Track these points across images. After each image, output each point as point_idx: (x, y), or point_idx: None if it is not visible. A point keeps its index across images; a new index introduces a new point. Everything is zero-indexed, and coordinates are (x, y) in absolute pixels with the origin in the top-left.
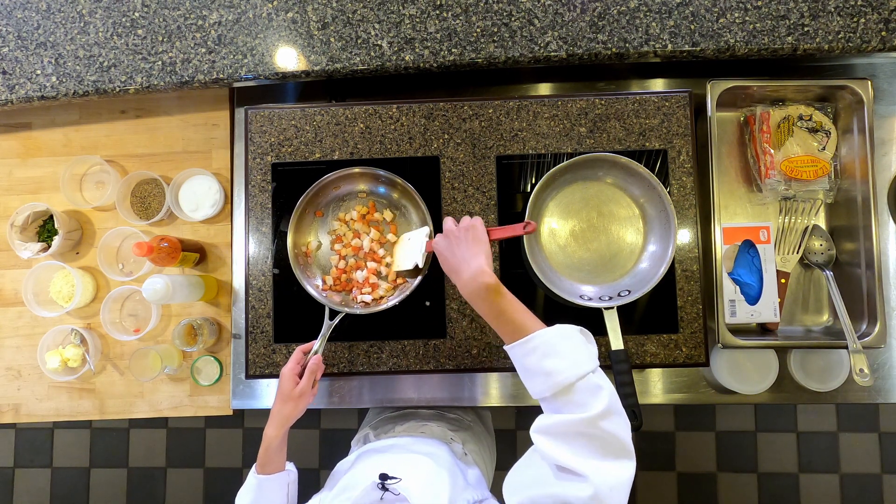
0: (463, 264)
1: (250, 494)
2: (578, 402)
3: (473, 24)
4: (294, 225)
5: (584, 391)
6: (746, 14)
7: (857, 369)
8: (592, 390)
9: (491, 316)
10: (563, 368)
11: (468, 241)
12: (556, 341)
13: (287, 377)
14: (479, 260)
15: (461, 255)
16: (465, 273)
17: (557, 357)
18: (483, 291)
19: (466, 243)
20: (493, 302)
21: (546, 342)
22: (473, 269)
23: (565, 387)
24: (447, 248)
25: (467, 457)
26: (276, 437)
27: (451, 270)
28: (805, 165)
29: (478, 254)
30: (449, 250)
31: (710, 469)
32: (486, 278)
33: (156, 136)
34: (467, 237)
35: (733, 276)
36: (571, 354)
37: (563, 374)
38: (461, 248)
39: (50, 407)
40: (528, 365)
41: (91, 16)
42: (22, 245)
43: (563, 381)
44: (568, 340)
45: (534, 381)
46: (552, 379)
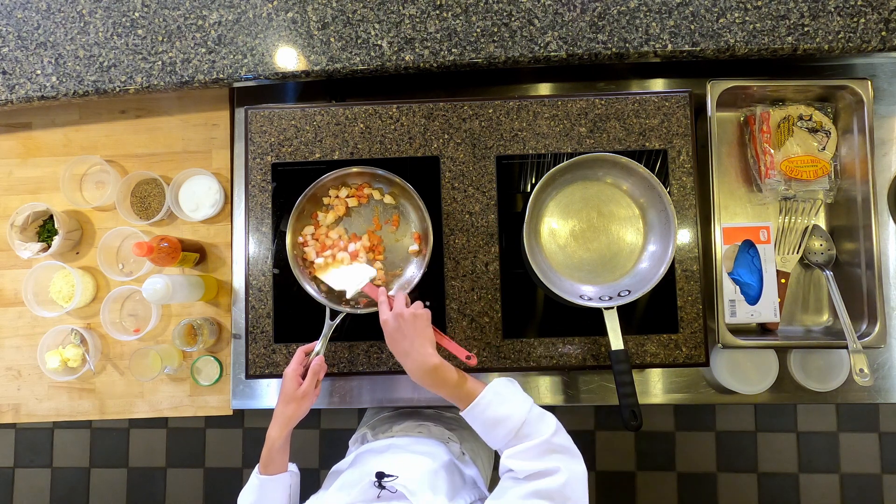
0: (411, 351)
1: (253, 495)
2: (533, 431)
3: (473, 24)
4: (293, 225)
5: (535, 422)
6: (746, 14)
7: (857, 369)
8: (540, 418)
9: (445, 392)
10: (514, 410)
11: (416, 329)
12: (500, 391)
13: (290, 378)
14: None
15: (409, 343)
16: (414, 361)
17: (507, 403)
18: (433, 374)
19: (415, 332)
20: (443, 380)
21: (495, 394)
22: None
23: (521, 424)
24: (397, 331)
25: (465, 456)
26: (279, 438)
27: (399, 352)
28: (805, 165)
29: (425, 344)
30: (399, 333)
31: (710, 469)
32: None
33: (156, 136)
34: (416, 325)
35: (733, 276)
36: (513, 397)
37: (517, 415)
38: (409, 335)
39: (50, 407)
40: (486, 418)
41: (91, 16)
42: (22, 245)
43: (518, 420)
44: (506, 387)
45: (495, 431)
46: (510, 421)
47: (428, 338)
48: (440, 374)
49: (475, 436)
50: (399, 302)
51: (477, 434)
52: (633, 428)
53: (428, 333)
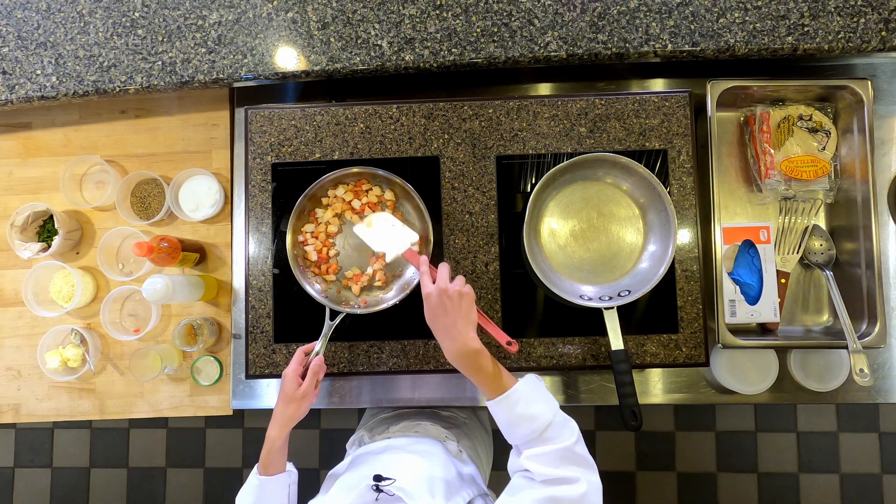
0: (452, 330)
1: (252, 495)
2: (556, 435)
3: (473, 24)
4: (293, 225)
5: (559, 425)
6: (746, 14)
7: (857, 369)
8: (565, 423)
9: (478, 378)
10: (543, 411)
11: (460, 310)
12: (532, 389)
13: (290, 378)
14: (470, 332)
15: (451, 321)
16: (455, 341)
17: (537, 402)
18: (473, 357)
19: (459, 312)
20: (480, 366)
21: (526, 392)
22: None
23: (547, 426)
24: (440, 307)
25: (462, 454)
26: (279, 439)
27: (440, 329)
28: (805, 165)
29: (468, 326)
30: (442, 309)
31: (710, 469)
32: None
33: (156, 136)
34: (461, 305)
35: (733, 276)
36: (544, 397)
37: (544, 416)
38: (453, 314)
39: (50, 407)
40: (514, 414)
41: (91, 16)
42: (22, 245)
43: (545, 421)
44: (536, 387)
45: (519, 428)
46: (537, 422)
47: (472, 319)
48: (478, 361)
49: (472, 433)
50: (443, 275)
51: (474, 432)
52: (633, 428)
53: (472, 315)
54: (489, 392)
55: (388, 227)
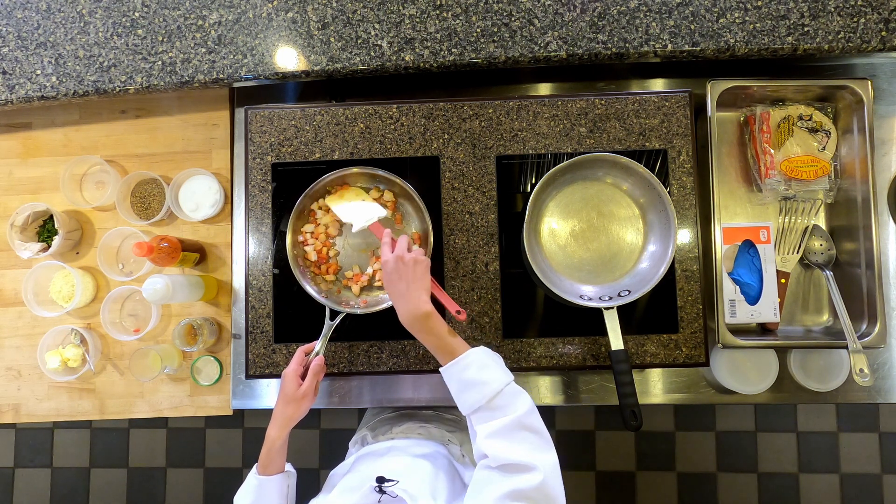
0: (406, 294)
1: (250, 495)
2: (508, 405)
3: (473, 24)
4: (293, 225)
5: (510, 395)
6: (746, 14)
7: (857, 369)
8: (516, 394)
9: (430, 341)
10: (495, 378)
11: (414, 275)
12: (484, 357)
13: (290, 378)
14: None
15: (405, 286)
16: (410, 302)
17: (488, 369)
18: (423, 320)
19: (413, 277)
20: (431, 329)
21: (478, 358)
22: (417, 301)
23: (497, 393)
24: (395, 272)
25: (465, 458)
26: (278, 439)
27: (395, 293)
28: (805, 165)
29: (420, 290)
30: (397, 274)
31: (710, 469)
32: (426, 307)
33: (156, 136)
34: (415, 271)
35: (733, 276)
36: (494, 366)
37: (495, 382)
38: (406, 279)
39: (50, 407)
40: (465, 378)
41: (91, 16)
42: (22, 245)
43: (496, 387)
44: (490, 356)
45: (470, 393)
46: (488, 387)
47: (424, 285)
48: (429, 323)
49: None
50: (401, 245)
51: None
52: (633, 428)
53: (425, 281)
54: (441, 357)
55: (358, 201)
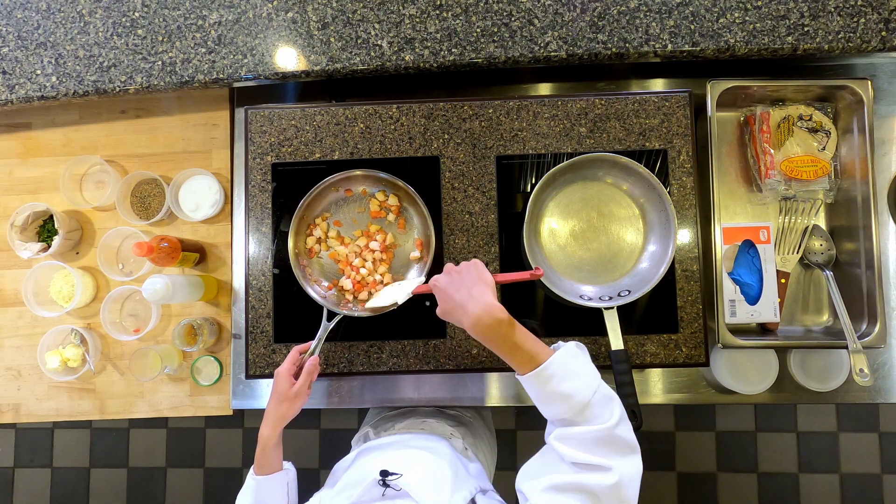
0: (470, 301)
1: (250, 496)
2: (595, 415)
3: (473, 24)
4: (295, 227)
5: (598, 404)
6: (746, 14)
7: (857, 369)
8: (605, 402)
9: (505, 350)
10: (581, 388)
11: (472, 277)
12: (569, 362)
13: (283, 377)
14: (487, 296)
15: (466, 291)
16: (475, 308)
17: (573, 378)
18: (497, 326)
19: (471, 280)
20: (507, 336)
21: (561, 366)
22: (484, 305)
23: (584, 406)
24: (450, 285)
25: (468, 451)
26: (272, 438)
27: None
28: (805, 165)
29: (485, 291)
30: (452, 286)
31: (710, 469)
32: (500, 313)
33: (156, 136)
34: (471, 273)
35: (733, 276)
36: (584, 373)
37: (581, 394)
38: (465, 285)
39: (50, 407)
40: (548, 390)
41: (91, 16)
42: (22, 245)
43: (582, 399)
44: (576, 359)
45: (553, 406)
46: (573, 400)
47: (487, 282)
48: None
49: (477, 432)
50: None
51: (479, 432)
52: (633, 428)
53: (486, 277)
54: (520, 367)
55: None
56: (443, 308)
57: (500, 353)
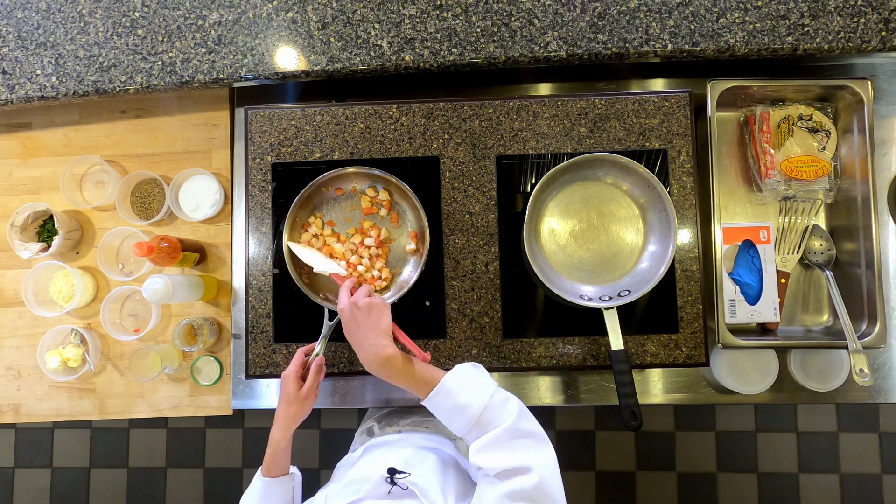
0: (364, 342)
1: (255, 497)
2: (496, 417)
3: (473, 24)
4: (289, 226)
5: (497, 408)
6: (746, 14)
7: (857, 369)
8: (502, 403)
9: (403, 381)
10: (476, 396)
11: (369, 319)
12: (460, 378)
13: (291, 379)
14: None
15: (362, 334)
16: (369, 349)
17: (467, 390)
18: (387, 363)
19: (368, 321)
20: (400, 370)
21: (455, 382)
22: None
23: (482, 411)
24: (352, 321)
25: None
26: (283, 440)
27: (354, 342)
28: (805, 165)
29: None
30: (354, 322)
31: (710, 469)
32: (389, 350)
33: (156, 136)
34: (370, 315)
35: (733, 276)
36: (474, 383)
37: (478, 401)
38: (364, 326)
39: (50, 407)
40: (446, 407)
41: (91, 16)
42: (22, 245)
43: (478, 407)
44: (468, 375)
45: (456, 420)
46: (471, 409)
47: (383, 328)
48: (394, 365)
49: None
50: (360, 292)
51: None
52: (633, 428)
53: (383, 323)
54: (420, 392)
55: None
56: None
57: (400, 385)
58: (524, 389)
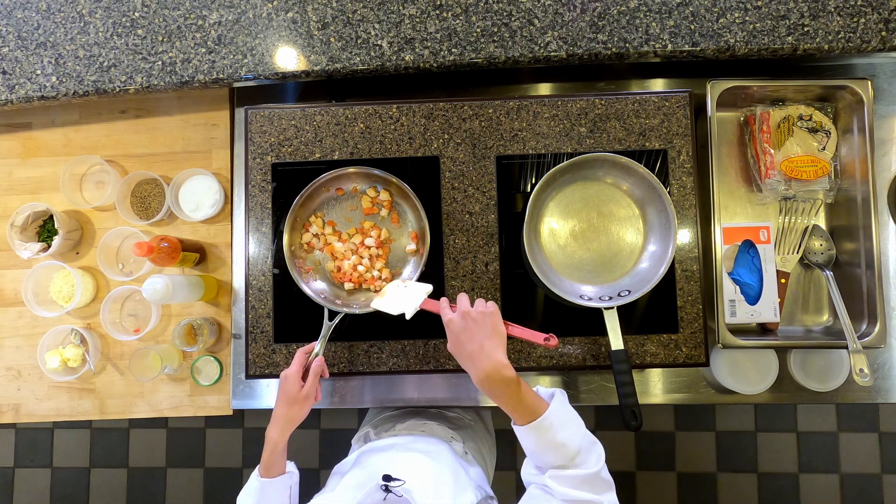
0: (481, 354)
1: (253, 497)
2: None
3: (473, 24)
4: (290, 226)
5: (587, 450)
6: (746, 14)
7: (857, 369)
8: (591, 447)
9: (508, 404)
10: (573, 436)
11: (486, 329)
12: (562, 412)
13: (291, 380)
14: (498, 354)
15: (478, 344)
16: (485, 364)
17: (566, 427)
18: (505, 384)
19: (485, 332)
20: (511, 394)
21: (557, 417)
22: (494, 362)
23: (577, 453)
24: (464, 331)
25: (468, 455)
26: (280, 441)
27: (465, 355)
28: (805, 165)
29: (497, 346)
30: (466, 334)
31: (710, 469)
32: (508, 372)
33: (156, 136)
34: (486, 324)
35: (733, 276)
36: (574, 421)
37: (573, 442)
38: (479, 336)
39: (50, 407)
40: (545, 440)
41: (91, 16)
42: (22, 245)
43: (574, 447)
44: (567, 409)
45: (547, 454)
46: (567, 448)
47: (500, 338)
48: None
49: (477, 436)
50: (464, 302)
51: (479, 435)
52: (633, 428)
53: (500, 331)
54: (519, 418)
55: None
56: (453, 349)
57: (502, 405)
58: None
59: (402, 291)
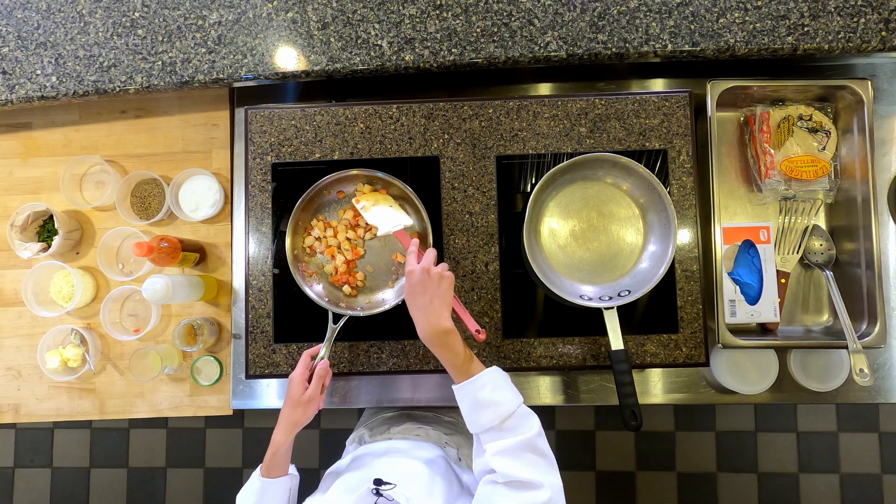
0: (430, 308)
1: (253, 496)
2: (519, 426)
3: (473, 24)
4: (292, 230)
5: (521, 417)
6: (746, 14)
7: (857, 369)
8: (527, 415)
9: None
10: (508, 399)
11: (441, 290)
12: (498, 377)
13: (296, 382)
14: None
15: (430, 298)
16: (433, 318)
17: (501, 390)
18: (446, 336)
19: (439, 291)
20: (453, 349)
21: (492, 378)
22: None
23: (510, 415)
24: (420, 284)
25: (462, 462)
26: (284, 443)
27: (417, 306)
28: (805, 165)
29: (444, 307)
30: (421, 286)
31: (710, 469)
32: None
33: (156, 136)
34: (441, 285)
35: (733, 276)
36: (509, 388)
37: (508, 403)
38: (432, 292)
39: (50, 407)
40: (478, 398)
41: (91, 16)
42: (22, 245)
43: (509, 409)
44: (504, 378)
45: (482, 413)
46: (501, 408)
47: (447, 301)
48: (448, 340)
49: (472, 440)
50: (428, 257)
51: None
52: (633, 428)
53: (448, 297)
54: (456, 375)
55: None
56: (407, 297)
57: (442, 360)
58: (524, 389)
59: (388, 213)
